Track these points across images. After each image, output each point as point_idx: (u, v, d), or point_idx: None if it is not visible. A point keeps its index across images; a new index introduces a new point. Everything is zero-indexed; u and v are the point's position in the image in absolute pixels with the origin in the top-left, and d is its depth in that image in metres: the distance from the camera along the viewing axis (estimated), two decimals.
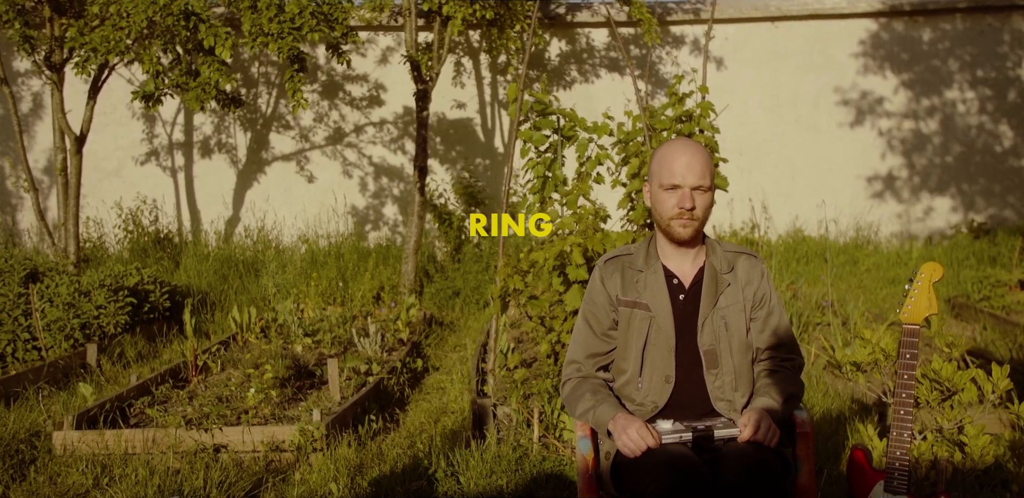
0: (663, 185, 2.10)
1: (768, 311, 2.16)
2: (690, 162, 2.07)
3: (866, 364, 3.48)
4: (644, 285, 2.16)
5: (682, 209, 2.07)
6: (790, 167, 8.56)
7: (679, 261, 2.18)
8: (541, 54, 8.48)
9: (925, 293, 2.26)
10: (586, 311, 2.22)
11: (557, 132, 4.43)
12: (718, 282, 2.14)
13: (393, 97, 8.43)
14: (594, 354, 2.20)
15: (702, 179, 2.07)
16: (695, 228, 2.11)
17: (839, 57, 8.56)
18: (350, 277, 6.99)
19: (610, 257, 2.24)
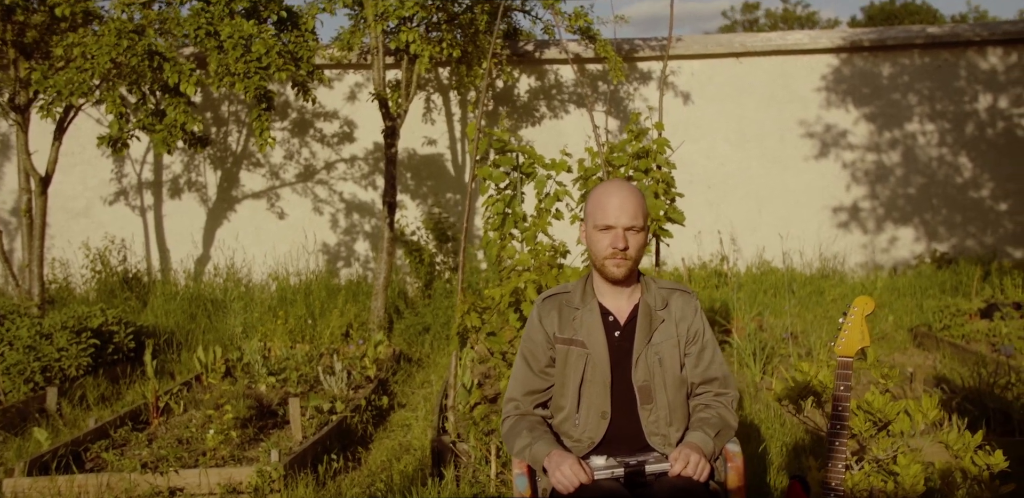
0: (597, 226, 2.14)
1: (702, 346, 2.20)
2: (623, 203, 2.12)
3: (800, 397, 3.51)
4: (580, 323, 2.19)
5: (615, 249, 2.12)
6: (757, 200, 8.67)
7: (615, 299, 2.22)
8: (511, 90, 8.60)
9: (858, 326, 2.30)
10: (524, 349, 2.25)
11: (516, 169, 4.49)
12: (652, 319, 2.18)
13: (364, 133, 8.50)
14: (532, 391, 2.22)
15: (635, 220, 2.12)
16: (628, 267, 2.15)
17: (803, 91, 8.73)
18: (319, 314, 6.98)
19: (548, 295, 2.28)
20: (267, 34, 5.05)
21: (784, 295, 7.40)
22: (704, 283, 8.03)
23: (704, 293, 7.48)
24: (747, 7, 36.46)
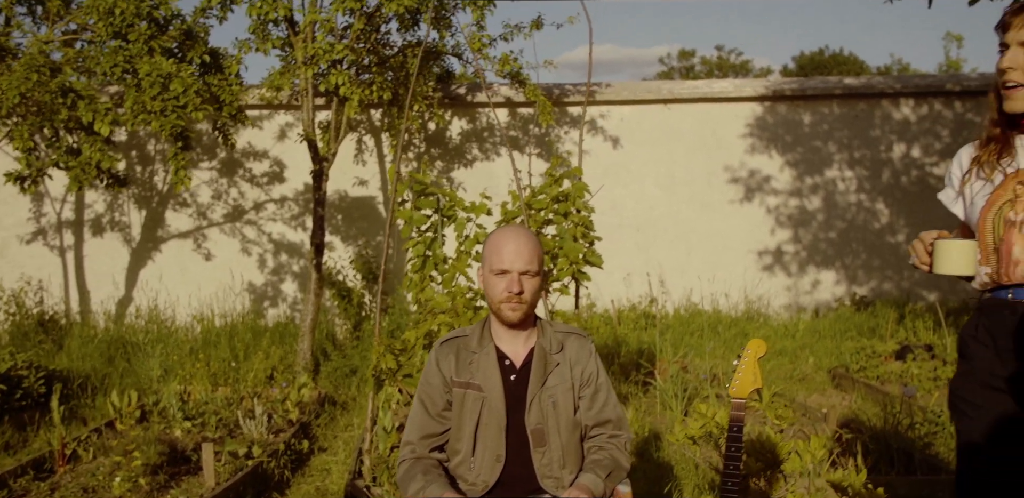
0: (493, 270, 2.18)
1: (595, 389, 2.23)
2: (518, 249, 2.16)
3: (699, 438, 3.57)
4: (477, 366, 2.21)
5: (511, 293, 2.15)
6: (686, 242, 8.84)
7: (511, 342, 2.25)
8: (443, 133, 8.68)
9: (751, 368, 2.36)
10: (421, 392, 2.26)
11: (438, 212, 4.52)
12: (547, 362, 2.21)
13: (294, 174, 8.47)
14: (428, 435, 2.22)
15: (530, 264, 2.16)
16: (524, 311, 2.19)
17: (729, 138, 8.98)
18: (243, 357, 6.86)
19: (446, 339, 2.29)
20: (186, 73, 5.04)
21: (711, 336, 7.52)
22: (633, 325, 8.11)
23: (632, 335, 7.56)
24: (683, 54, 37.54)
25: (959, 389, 2.17)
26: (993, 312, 2.09)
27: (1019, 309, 2.05)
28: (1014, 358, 2.07)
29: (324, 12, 5.86)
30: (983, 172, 2.13)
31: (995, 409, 2.08)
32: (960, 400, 2.16)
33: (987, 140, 2.15)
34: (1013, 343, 2.06)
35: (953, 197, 2.24)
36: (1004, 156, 2.11)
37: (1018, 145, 2.10)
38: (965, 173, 2.19)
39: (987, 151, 2.13)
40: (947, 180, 2.28)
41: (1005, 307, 2.07)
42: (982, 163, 2.13)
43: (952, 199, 2.24)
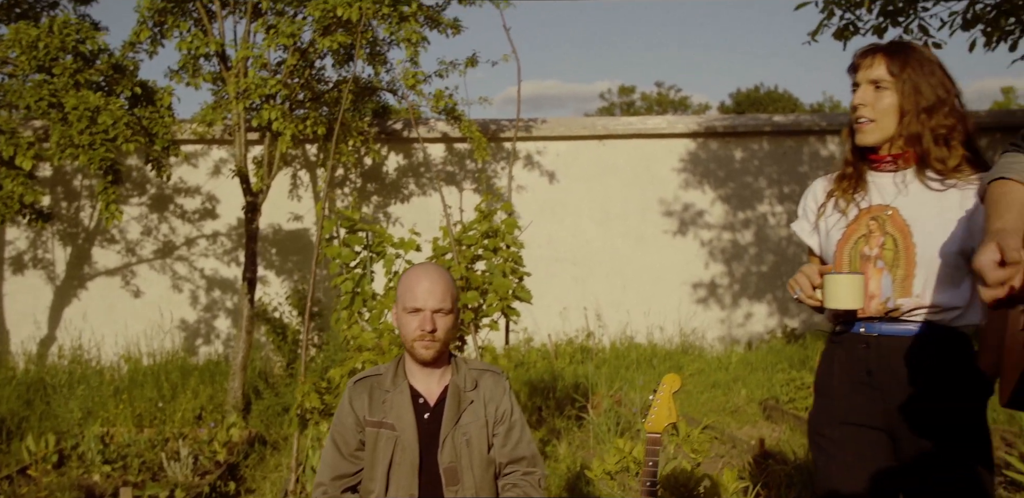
0: (406, 308, 2.18)
1: (509, 426, 2.22)
2: (432, 287, 2.16)
3: (615, 473, 3.58)
4: (391, 405, 2.19)
5: (423, 331, 2.15)
6: (621, 276, 8.92)
7: (426, 380, 2.23)
8: (379, 168, 8.67)
9: (666, 403, 2.37)
10: (334, 432, 2.22)
11: (367, 248, 4.50)
12: (460, 400, 2.20)
13: (227, 209, 8.36)
14: (341, 476, 2.18)
15: (443, 303, 2.16)
16: (437, 349, 2.18)
17: (662, 173, 9.14)
18: (172, 396, 6.68)
19: (360, 378, 2.27)
20: (115, 106, 4.96)
21: (646, 370, 7.56)
22: (570, 358, 8.13)
23: (569, 369, 7.57)
24: (623, 90, 38.26)
25: (818, 425, 2.21)
26: (848, 346, 2.15)
27: (872, 342, 2.10)
28: (871, 391, 2.11)
29: (256, 47, 5.85)
30: (838, 206, 2.21)
31: (853, 445, 2.12)
32: (819, 436, 2.20)
33: (842, 175, 2.24)
34: (868, 376, 2.11)
35: (809, 230, 2.31)
36: (858, 191, 2.19)
37: (870, 180, 2.19)
38: (820, 206, 2.27)
39: (841, 185, 2.22)
40: (801, 212, 2.36)
41: (859, 341, 2.12)
42: (837, 197, 2.22)
43: (808, 231, 2.31)
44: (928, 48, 2.19)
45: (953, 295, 2.06)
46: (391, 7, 5.68)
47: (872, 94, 2.12)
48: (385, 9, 5.68)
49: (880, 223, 2.12)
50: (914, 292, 2.07)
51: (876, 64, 2.11)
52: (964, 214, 2.06)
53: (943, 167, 2.08)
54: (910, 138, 2.10)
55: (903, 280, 2.08)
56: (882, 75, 2.10)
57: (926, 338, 2.06)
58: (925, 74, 2.08)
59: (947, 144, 2.08)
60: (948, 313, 2.06)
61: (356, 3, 5.48)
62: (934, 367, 2.05)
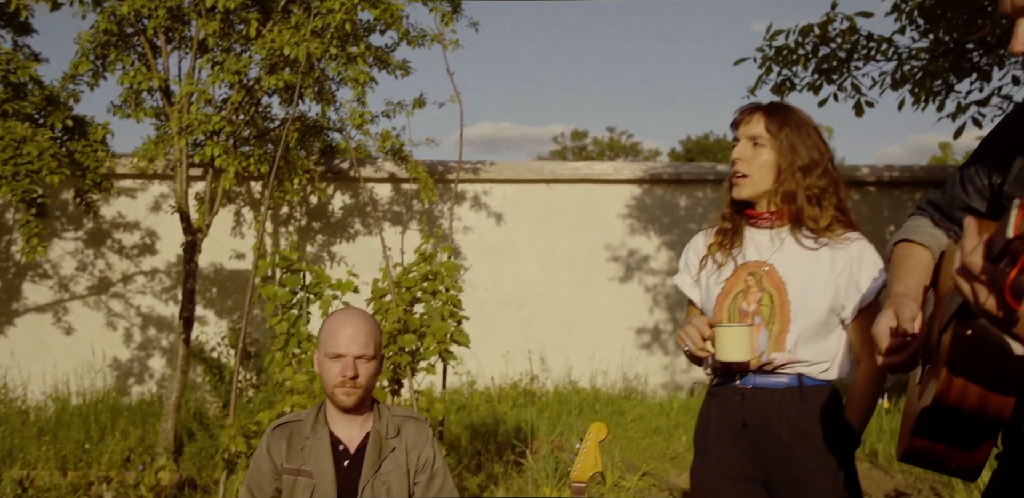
0: (328, 354, 2.15)
1: (431, 474, 2.19)
2: (354, 333, 2.14)
3: None
4: (309, 452, 2.14)
5: (345, 378, 2.12)
6: (566, 320, 8.92)
7: (347, 427, 2.19)
8: (325, 207, 8.62)
9: (592, 452, 2.35)
10: (250, 480, 2.16)
11: (304, 289, 4.44)
12: (382, 447, 2.16)
13: (167, 245, 8.21)
14: None
15: (365, 348, 2.14)
16: (359, 396, 2.15)
17: (608, 218, 9.23)
18: (100, 438, 6.46)
19: (279, 424, 2.22)
20: (43, 137, 4.87)
21: (588, 415, 7.53)
22: (513, 402, 8.06)
23: (512, 413, 7.50)
24: (576, 134, 38.78)
25: (698, 478, 2.24)
26: (724, 399, 2.18)
27: (747, 394, 2.14)
28: (746, 443, 2.15)
29: (201, 83, 5.81)
30: (717, 260, 2.26)
31: (731, 497, 2.15)
32: (699, 489, 2.23)
33: (721, 229, 2.29)
34: (743, 428, 2.15)
35: (691, 283, 2.36)
36: (735, 246, 2.26)
37: (747, 236, 2.26)
38: (701, 259, 2.31)
39: (720, 240, 2.27)
40: (683, 265, 2.41)
41: (735, 393, 2.17)
42: (716, 251, 2.27)
43: (690, 285, 2.36)
44: (805, 112, 2.27)
45: (821, 350, 2.14)
46: (339, 48, 5.71)
47: (750, 150, 2.19)
48: (333, 49, 5.71)
49: (757, 279, 2.18)
50: (787, 347, 2.13)
51: (755, 122, 2.19)
52: (834, 273, 2.15)
53: (815, 226, 2.16)
54: (786, 196, 2.17)
55: (778, 335, 2.14)
56: (760, 132, 2.18)
57: (797, 390, 2.13)
58: (802, 135, 2.17)
59: (819, 204, 2.17)
60: (817, 366, 2.14)
61: (304, 43, 5.49)
62: (804, 419, 2.11)
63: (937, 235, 1.74)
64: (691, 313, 2.37)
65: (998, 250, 1.10)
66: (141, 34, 5.77)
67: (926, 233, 1.75)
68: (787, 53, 5.92)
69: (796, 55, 5.92)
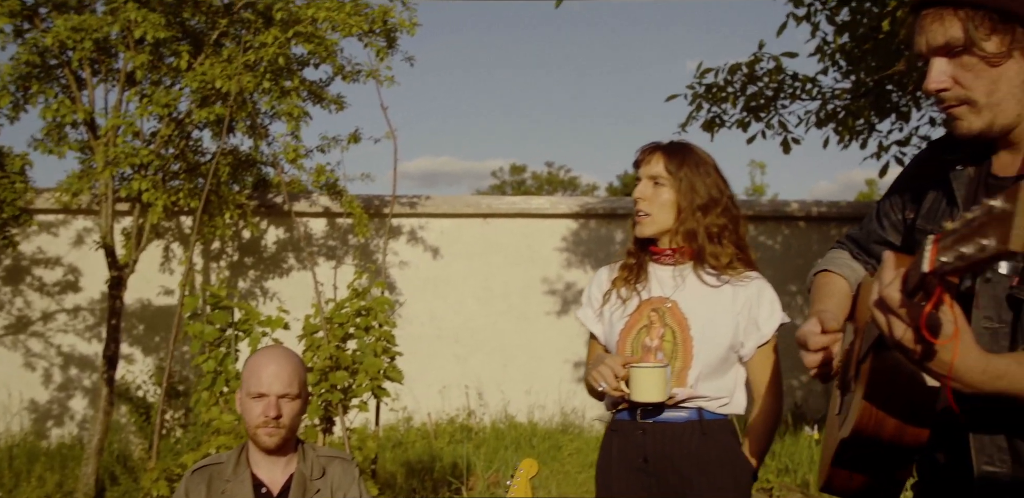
0: (250, 393, 2.09)
1: None
2: (278, 371, 2.09)
3: None
4: (230, 495, 2.06)
5: (267, 417, 2.06)
6: (503, 354, 8.88)
7: (269, 469, 2.13)
8: (258, 242, 8.47)
9: (523, 489, 2.33)
10: None
11: (232, 326, 4.35)
12: (306, 489, 2.10)
13: (91, 282, 7.95)
14: None
15: (289, 387, 2.09)
16: (282, 436, 2.09)
17: (545, 252, 9.26)
18: (14, 484, 6.16)
19: (199, 467, 2.14)
20: None
21: (525, 450, 7.47)
22: (450, 438, 7.96)
23: (448, 449, 7.40)
24: (515, 169, 39.09)
25: None
26: (625, 433, 2.20)
27: (648, 429, 2.17)
28: (647, 478, 2.18)
29: (128, 116, 5.70)
30: (621, 295, 2.29)
31: None
32: None
33: (625, 264, 2.33)
34: (644, 463, 2.18)
35: (593, 317, 2.38)
36: (639, 281, 2.29)
37: (651, 272, 2.30)
38: (605, 294, 2.34)
39: (624, 275, 2.31)
40: (586, 300, 2.43)
41: (636, 428, 2.19)
42: (620, 286, 2.30)
43: (592, 319, 2.38)
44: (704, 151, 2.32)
45: (720, 386, 2.19)
46: (272, 81, 5.67)
47: (651, 189, 2.24)
48: (266, 83, 5.66)
49: (660, 315, 2.22)
50: (688, 383, 2.16)
51: (655, 161, 2.25)
52: (735, 310, 2.20)
53: (716, 263, 2.21)
54: (687, 234, 2.22)
55: (680, 371, 2.18)
56: (660, 172, 2.23)
57: (697, 424, 2.17)
58: (701, 174, 2.22)
59: (720, 242, 2.22)
60: (716, 401, 2.18)
61: (236, 76, 5.44)
62: (704, 453, 2.14)
63: (855, 268, 1.78)
64: (593, 348, 2.39)
65: (913, 284, 1.12)
66: (66, 66, 5.65)
67: (845, 265, 1.79)
68: (716, 91, 6.08)
69: (725, 93, 6.08)
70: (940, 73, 1.40)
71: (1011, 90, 1.38)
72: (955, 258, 1.01)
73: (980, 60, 1.36)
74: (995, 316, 1.38)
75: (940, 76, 1.40)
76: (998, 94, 1.38)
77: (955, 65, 1.39)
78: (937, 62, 1.40)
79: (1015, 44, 1.36)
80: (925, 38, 1.40)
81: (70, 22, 5.10)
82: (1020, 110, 1.40)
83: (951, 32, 1.37)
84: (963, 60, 1.38)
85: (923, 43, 1.41)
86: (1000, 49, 1.36)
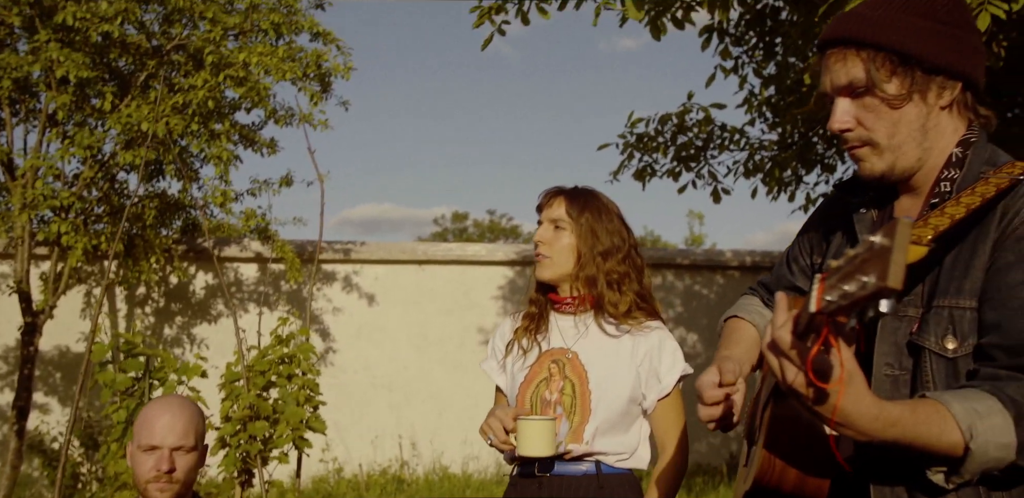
0: (141, 445, 1.97)
1: None
2: (172, 422, 1.98)
3: None
4: None
5: (159, 472, 1.94)
6: (438, 403, 8.72)
7: None
8: (186, 287, 8.25)
9: None
10: None
11: (147, 374, 4.18)
12: None
13: (7, 328, 7.61)
14: None
15: (184, 439, 1.98)
16: (175, 492, 1.97)
17: (481, 299, 9.19)
18: None
19: None
20: None
21: None
22: (381, 490, 7.74)
23: None
24: (457, 216, 39.18)
25: None
26: (523, 487, 2.15)
27: (545, 482, 2.11)
28: None
29: (49, 158, 5.54)
30: (522, 346, 2.25)
31: None
32: None
33: (527, 314, 2.29)
34: None
35: (497, 369, 2.33)
36: (541, 331, 2.25)
37: (552, 321, 2.25)
38: (508, 344, 2.29)
39: (526, 325, 2.27)
40: (490, 351, 2.38)
41: (533, 481, 2.13)
42: (521, 337, 2.26)
43: (496, 371, 2.33)
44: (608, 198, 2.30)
45: (622, 440, 2.13)
46: (200, 124, 5.58)
47: (552, 233, 2.20)
48: (195, 126, 5.58)
49: (560, 367, 2.17)
50: (584, 438, 2.11)
51: (557, 205, 2.22)
52: (635, 361, 2.14)
53: (615, 311, 2.16)
54: (587, 280, 2.17)
55: (578, 426, 2.12)
56: (561, 216, 2.19)
57: (595, 478, 2.11)
58: (603, 221, 2.19)
59: (619, 289, 2.16)
60: (617, 456, 2.12)
61: (163, 118, 5.35)
62: None
63: (765, 314, 1.76)
64: (498, 401, 2.32)
65: (804, 326, 1.10)
66: None
67: (755, 311, 1.77)
68: (647, 140, 6.16)
69: (656, 142, 6.17)
70: (844, 113, 1.40)
71: (911, 133, 1.38)
72: (839, 297, 0.99)
73: (882, 102, 1.36)
74: (896, 363, 1.35)
75: (843, 116, 1.40)
76: (899, 137, 1.38)
77: (858, 106, 1.39)
78: (841, 102, 1.40)
79: (914, 87, 1.35)
80: (830, 78, 1.40)
81: None
82: (920, 154, 1.40)
83: (853, 72, 1.36)
84: (865, 101, 1.37)
85: (828, 82, 1.41)
86: (900, 91, 1.35)
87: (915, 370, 1.34)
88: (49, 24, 5.23)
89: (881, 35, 1.35)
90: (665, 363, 2.14)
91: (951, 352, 1.31)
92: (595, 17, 4.41)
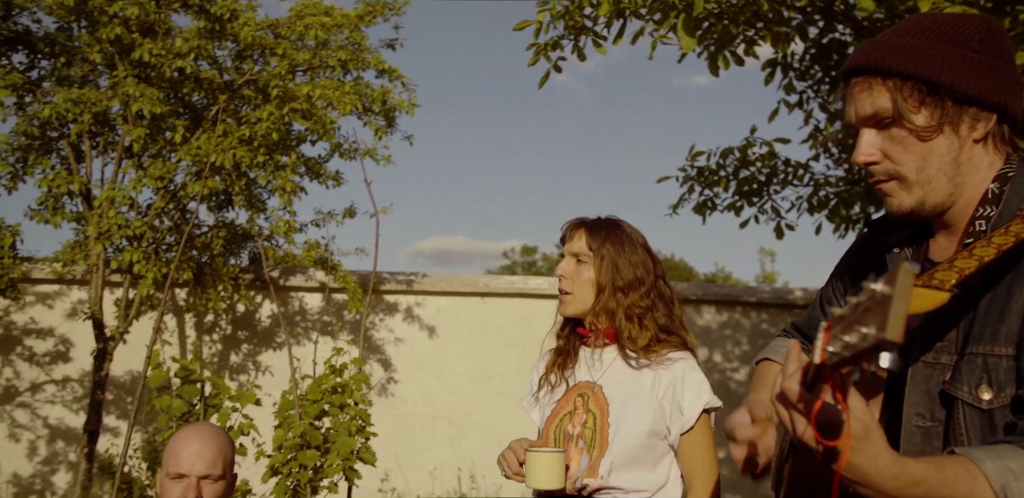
0: (169, 474, 2.00)
1: None
2: (200, 450, 2.00)
3: None
4: None
5: None
6: (497, 437, 8.61)
7: None
8: (252, 315, 8.42)
9: None
10: None
11: (202, 400, 4.26)
12: None
13: (81, 353, 7.88)
14: None
15: (212, 468, 2.00)
16: None
17: (541, 333, 9.06)
18: None
19: None
20: None
21: None
22: None
23: None
24: (526, 250, 39.26)
25: None
26: None
27: None
28: None
29: (122, 188, 5.76)
30: (551, 381, 2.20)
31: None
32: None
33: (557, 348, 2.25)
34: None
35: (532, 404, 2.29)
36: (569, 366, 2.21)
37: (581, 355, 2.22)
38: (540, 379, 2.26)
39: (555, 360, 2.22)
40: (529, 386, 2.35)
41: None
42: (550, 372, 2.22)
43: (532, 405, 2.30)
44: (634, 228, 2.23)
45: (643, 477, 2.04)
46: (266, 156, 5.73)
47: (573, 267, 2.16)
48: (260, 157, 5.73)
49: (585, 400, 2.12)
50: (600, 473, 2.04)
51: (578, 238, 2.17)
52: (656, 395, 2.07)
53: (634, 346, 2.09)
54: (607, 314, 2.12)
55: (596, 460, 2.05)
56: (582, 249, 2.15)
57: None
58: (625, 253, 2.12)
59: (640, 323, 2.09)
60: (638, 493, 2.04)
61: (230, 150, 5.51)
62: None
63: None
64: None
65: (812, 376, 1.04)
66: (64, 138, 5.75)
67: None
68: (709, 174, 6.08)
69: (717, 176, 6.08)
70: (869, 145, 1.30)
71: (941, 167, 1.28)
72: (841, 348, 0.94)
73: (910, 133, 1.26)
74: (927, 413, 1.26)
75: (868, 148, 1.30)
76: (928, 171, 1.28)
77: (884, 137, 1.29)
78: (866, 134, 1.30)
79: (945, 118, 1.26)
80: (854, 108, 1.31)
81: (70, 95, 5.21)
82: (951, 189, 1.30)
83: (879, 102, 1.27)
84: (892, 132, 1.28)
85: (852, 113, 1.32)
86: (930, 123, 1.26)
87: (948, 422, 1.24)
88: (127, 60, 5.47)
89: (909, 63, 1.26)
90: (688, 395, 2.06)
91: (986, 403, 1.21)
92: (651, 51, 4.39)
